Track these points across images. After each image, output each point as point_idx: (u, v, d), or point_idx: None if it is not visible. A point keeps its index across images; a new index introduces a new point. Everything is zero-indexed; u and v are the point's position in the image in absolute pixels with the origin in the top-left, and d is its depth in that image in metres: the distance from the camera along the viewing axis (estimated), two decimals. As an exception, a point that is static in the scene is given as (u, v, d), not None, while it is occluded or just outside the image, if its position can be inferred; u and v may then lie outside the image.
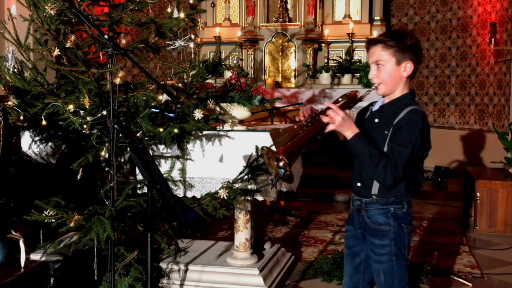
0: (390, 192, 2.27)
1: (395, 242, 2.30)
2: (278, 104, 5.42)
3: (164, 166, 3.44)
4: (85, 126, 3.08)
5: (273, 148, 2.20)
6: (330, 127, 2.21)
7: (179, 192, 3.45)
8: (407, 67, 2.27)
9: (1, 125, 3.08)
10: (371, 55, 2.31)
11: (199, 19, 3.57)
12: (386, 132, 2.25)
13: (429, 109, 8.84)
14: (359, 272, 2.45)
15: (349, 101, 2.34)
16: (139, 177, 3.37)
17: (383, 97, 2.37)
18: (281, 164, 2.14)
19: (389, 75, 2.27)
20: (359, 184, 2.37)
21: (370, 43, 2.32)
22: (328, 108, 2.22)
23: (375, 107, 2.40)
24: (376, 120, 2.34)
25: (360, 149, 2.20)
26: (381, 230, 2.31)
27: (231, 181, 3.27)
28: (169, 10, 3.41)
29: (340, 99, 2.36)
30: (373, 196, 2.31)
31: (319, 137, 2.30)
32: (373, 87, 2.33)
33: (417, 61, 2.29)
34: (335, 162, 2.51)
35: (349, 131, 2.20)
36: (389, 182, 2.18)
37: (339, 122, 2.18)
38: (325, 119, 2.20)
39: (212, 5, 8.76)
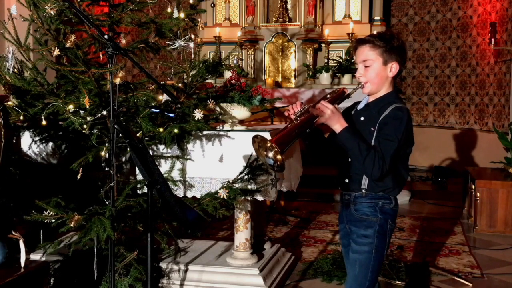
0: (378, 186, 2.34)
1: (378, 235, 2.35)
2: (278, 104, 5.41)
3: (164, 166, 3.44)
4: (85, 126, 3.08)
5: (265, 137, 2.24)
6: (320, 120, 2.28)
7: (179, 192, 3.45)
8: (393, 67, 2.35)
9: (2, 126, 3.08)
10: (359, 54, 2.38)
11: (199, 19, 3.57)
12: (372, 129, 2.32)
13: (429, 109, 8.84)
14: None
15: (337, 97, 2.41)
16: (139, 177, 3.37)
17: (368, 96, 2.43)
18: (272, 153, 2.20)
19: (376, 74, 2.35)
20: (347, 181, 2.43)
21: (358, 42, 2.40)
22: (318, 102, 2.29)
23: (360, 106, 2.46)
24: (362, 118, 2.40)
25: (349, 142, 2.25)
26: (368, 220, 2.36)
27: (231, 181, 3.27)
28: (169, 10, 3.41)
29: (328, 96, 2.42)
30: (363, 190, 2.36)
31: (308, 130, 2.36)
32: (359, 86, 2.39)
33: (402, 62, 2.38)
34: (321, 158, 2.57)
35: (338, 125, 2.26)
36: (376, 174, 2.23)
37: (329, 115, 2.25)
38: (315, 112, 2.27)
39: (212, 5, 8.76)
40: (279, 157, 2.19)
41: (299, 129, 2.27)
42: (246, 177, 3.27)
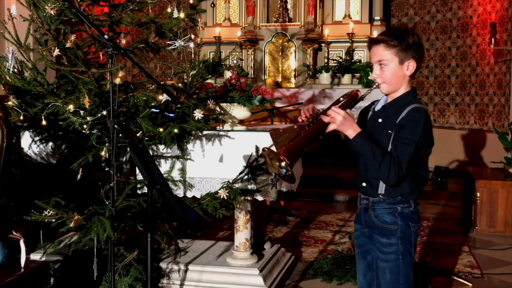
0: (396, 191, 2.26)
1: (402, 241, 2.29)
2: (278, 104, 5.41)
3: (164, 166, 3.44)
4: (85, 126, 3.08)
5: (274, 149, 2.20)
6: (331, 127, 2.21)
7: (179, 192, 3.45)
8: (410, 65, 2.27)
9: (3, 126, 3.08)
10: (373, 54, 2.30)
11: (199, 19, 3.57)
12: (390, 131, 2.24)
13: (429, 109, 8.83)
14: (372, 269, 2.42)
15: (350, 100, 2.33)
16: (139, 177, 3.37)
17: (386, 95, 2.36)
18: (282, 164, 2.14)
19: (392, 74, 2.27)
20: (364, 184, 2.36)
21: (372, 42, 2.31)
22: (329, 107, 2.22)
23: (378, 107, 2.39)
24: (380, 120, 2.33)
25: (362, 148, 2.19)
26: (388, 229, 2.30)
27: (231, 181, 3.27)
28: (169, 10, 3.41)
29: (341, 99, 2.35)
30: (380, 196, 2.30)
31: (321, 137, 2.30)
32: (374, 86, 2.32)
33: (419, 59, 2.29)
34: (338, 161, 2.51)
35: (351, 130, 2.20)
36: (392, 180, 2.17)
37: (340, 122, 2.18)
38: (326, 119, 2.20)
39: (212, 5, 8.76)
40: (289, 168, 2.13)
41: (309, 138, 2.21)
42: (246, 177, 3.27)
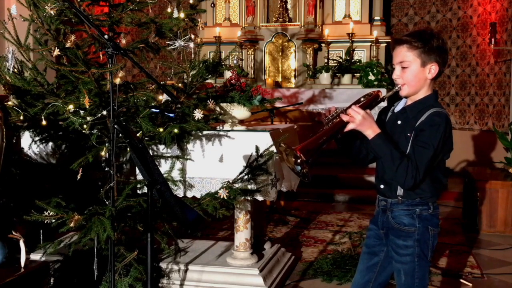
0: (415, 193, 2.25)
1: (418, 244, 2.27)
2: (278, 104, 5.42)
3: (164, 166, 3.44)
4: (85, 126, 3.08)
5: (290, 146, 2.18)
6: (350, 126, 2.19)
7: (179, 192, 3.45)
8: (432, 69, 2.23)
9: (3, 126, 3.08)
10: (396, 55, 2.27)
11: (199, 19, 3.57)
12: (408, 134, 2.23)
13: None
14: (373, 271, 2.42)
15: (371, 100, 2.31)
16: (139, 177, 3.37)
17: (406, 97, 2.33)
18: (298, 161, 2.13)
19: (413, 76, 2.24)
20: (382, 186, 2.34)
21: (396, 43, 2.28)
22: (350, 106, 2.21)
23: (397, 108, 2.36)
24: (399, 122, 2.31)
25: (381, 149, 2.18)
26: (406, 231, 2.28)
27: (231, 181, 3.27)
28: (169, 10, 3.41)
29: (362, 99, 2.33)
30: (399, 197, 2.28)
31: (339, 136, 2.28)
32: (396, 88, 2.29)
33: (442, 63, 2.25)
34: (355, 162, 2.49)
35: (370, 131, 2.18)
36: (409, 184, 2.16)
37: (359, 121, 2.17)
38: (345, 118, 2.19)
39: (212, 5, 8.76)
40: (304, 165, 2.12)
41: (327, 136, 2.19)
42: (246, 177, 3.27)
